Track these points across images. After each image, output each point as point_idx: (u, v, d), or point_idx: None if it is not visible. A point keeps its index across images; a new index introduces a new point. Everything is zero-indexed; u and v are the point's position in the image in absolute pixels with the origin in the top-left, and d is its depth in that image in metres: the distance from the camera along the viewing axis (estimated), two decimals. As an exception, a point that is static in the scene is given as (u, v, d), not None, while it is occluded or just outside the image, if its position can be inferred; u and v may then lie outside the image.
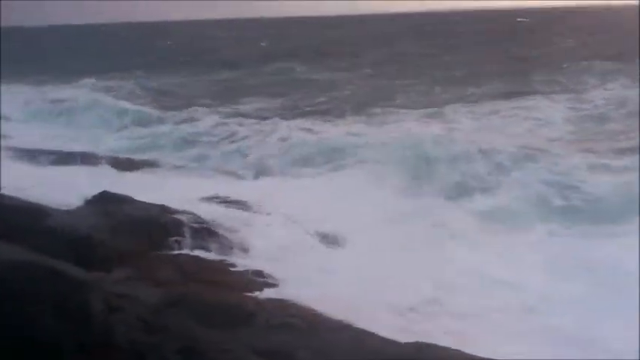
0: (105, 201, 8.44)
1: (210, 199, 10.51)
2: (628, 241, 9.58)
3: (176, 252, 7.76)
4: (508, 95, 23.65)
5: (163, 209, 8.38)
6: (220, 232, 8.68)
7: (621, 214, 10.84)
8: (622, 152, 14.72)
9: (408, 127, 18.47)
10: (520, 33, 64.89)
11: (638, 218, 10.32)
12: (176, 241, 7.91)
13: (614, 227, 10.31)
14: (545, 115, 19.59)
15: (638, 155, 13.95)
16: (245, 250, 8.31)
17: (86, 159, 13.84)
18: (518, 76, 29.01)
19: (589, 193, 11.87)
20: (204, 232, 8.34)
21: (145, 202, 8.53)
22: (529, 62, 35.39)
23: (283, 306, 5.63)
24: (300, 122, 19.43)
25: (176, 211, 8.46)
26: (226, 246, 8.30)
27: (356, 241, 8.96)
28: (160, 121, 20.20)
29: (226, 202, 10.41)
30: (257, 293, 6.71)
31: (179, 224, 8.09)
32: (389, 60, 40.68)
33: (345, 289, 7.31)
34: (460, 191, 12.19)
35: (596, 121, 18.56)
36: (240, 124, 19.47)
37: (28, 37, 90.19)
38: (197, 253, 7.82)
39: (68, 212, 8.13)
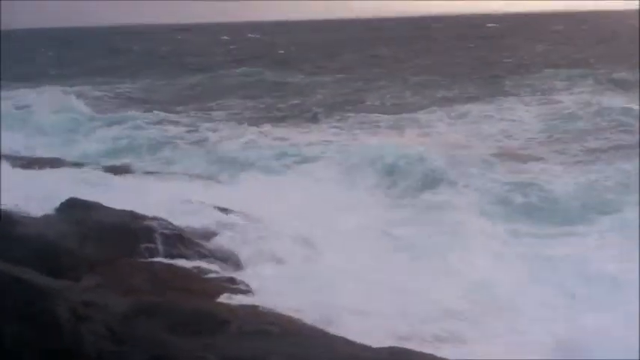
0: (73, 208, 8.27)
1: (183, 203, 10.38)
2: (589, 241, 9.71)
3: (147, 259, 7.62)
4: (480, 98, 23.96)
5: (133, 215, 8.23)
6: (193, 238, 8.56)
7: (583, 214, 11.03)
8: (591, 152, 15.36)
9: (381, 131, 18.65)
10: (490, 38, 65.64)
11: (599, 218, 10.53)
12: (147, 248, 7.77)
13: (574, 227, 10.45)
14: (517, 117, 19.99)
15: (605, 158, 14.35)
16: (219, 256, 8.20)
17: (53, 165, 13.60)
18: (490, 80, 29.41)
19: (553, 192, 12.02)
20: (177, 239, 8.20)
21: (114, 209, 8.37)
22: (499, 66, 35.83)
23: (257, 313, 5.56)
24: (270, 127, 19.46)
25: (147, 218, 8.31)
26: (199, 252, 8.18)
27: (329, 247, 8.91)
28: (129, 125, 19.94)
29: (199, 206, 10.29)
30: (230, 300, 6.61)
31: (150, 231, 7.95)
32: (363, 63, 40.83)
33: (320, 294, 7.27)
34: (426, 194, 12.22)
35: (565, 122, 18.91)
36: (210, 129, 19.44)
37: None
38: (169, 260, 7.69)
39: (35, 220, 7.95)
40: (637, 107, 19.28)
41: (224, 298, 6.65)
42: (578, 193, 11.97)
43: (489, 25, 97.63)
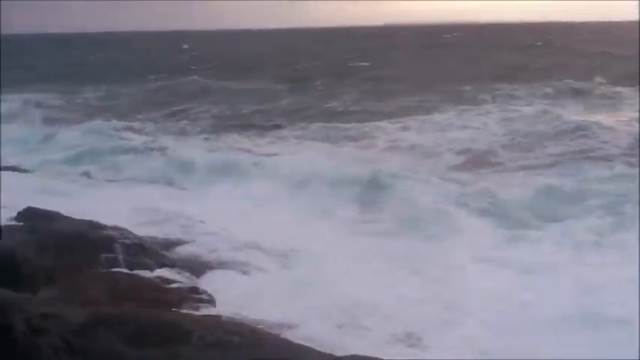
0: (30, 217, 8.12)
1: (144, 212, 10.27)
2: (542, 246, 9.81)
3: (107, 269, 7.49)
4: (442, 107, 24.19)
5: (93, 225, 8.10)
6: (155, 247, 8.45)
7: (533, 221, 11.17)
8: (550, 155, 15.73)
9: (343, 142, 18.69)
10: (449, 47, 66.54)
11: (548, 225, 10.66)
12: (107, 258, 7.64)
13: (529, 232, 10.57)
14: (480, 125, 20.18)
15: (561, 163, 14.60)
16: (181, 266, 8.10)
17: (10, 173, 13.32)
18: (449, 89, 29.76)
19: (507, 199, 12.13)
20: (138, 248, 8.10)
21: (73, 218, 8.23)
22: (459, 76, 36.27)
23: (219, 323, 5.47)
24: (231, 135, 19.40)
25: (107, 227, 8.19)
26: (161, 262, 8.08)
27: (283, 254, 8.92)
28: (89, 133, 19.65)
29: (160, 215, 10.18)
30: (193, 310, 6.53)
31: (110, 240, 7.83)
32: (322, 73, 40.94)
33: (281, 303, 7.25)
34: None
35: (525, 129, 19.15)
36: (171, 137, 19.36)
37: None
38: (130, 270, 7.57)
39: (-9, 229, 7.76)
40: (592, 118, 19.79)
41: (186, 308, 6.58)
42: (532, 199, 12.10)
43: (445, 35, 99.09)
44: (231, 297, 7.36)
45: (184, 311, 6.34)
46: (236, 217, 10.39)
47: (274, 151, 17.22)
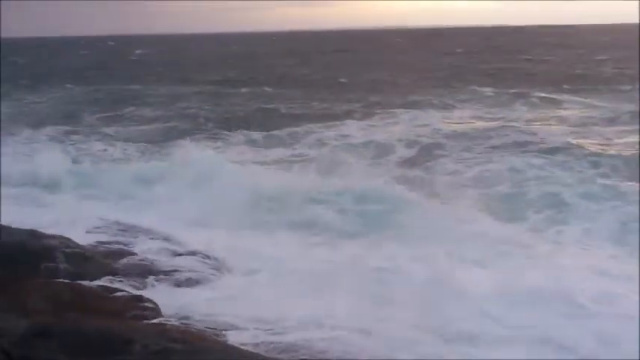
0: (-32, 227, 7.89)
1: (87, 220, 10.11)
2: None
3: (49, 279, 7.34)
4: (389, 108, 24.61)
5: (33, 234, 7.93)
6: (98, 256, 8.33)
7: None
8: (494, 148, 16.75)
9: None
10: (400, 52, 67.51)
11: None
12: (48, 267, 7.49)
13: None
14: (423, 124, 20.93)
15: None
16: (125, 275, 8.00)
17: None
18: (398, 91, 30.33)
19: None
20: (80, 257, 7.96)
21: (12, 227, 8.05)
22: (408, 78, 36.91)
23: (163, 331, 5.44)
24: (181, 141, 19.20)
25: (48, 236, 8.03)
26: (104, 271, 7.96)
27: (233, 261, 8.91)
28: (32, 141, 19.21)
29: (103, 224, 10.03)
30: (136, 319, 6.46)
31: (51, 249, 7.68)
32: (279, 77, 41.04)
33: (230, 309, 7.24)
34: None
35: (468, 130, 19.81)
36: (113, 145, 19.11)
37: None
38: (71, 279, 7.43)
39: None
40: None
41: (130, 317, 6.50)
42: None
43: (398, 39, 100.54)
44: (177, 305, 7.30)
45: (127, 320, 6.26)
46: (179, 224, 10.30)
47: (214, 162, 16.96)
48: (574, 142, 17.00)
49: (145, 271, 8.14)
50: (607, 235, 10.44)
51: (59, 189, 13.77)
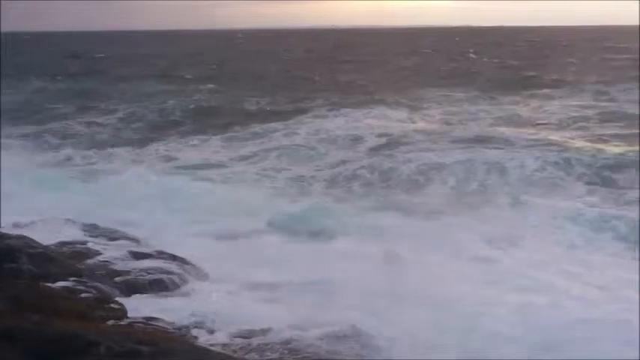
0: None
1: (51, 222, 9.94)
2: None
3: (11, 280, 7.18)
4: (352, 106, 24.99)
5: (-6, 235, 7.77)
6: (63, 258, 8.18)
7: None
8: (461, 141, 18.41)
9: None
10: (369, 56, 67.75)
11: None
12: (10, 268, 7.33)
13: None
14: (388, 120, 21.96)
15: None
16: (91, 276, 7.88)
17: None
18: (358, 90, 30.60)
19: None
20: (44, 258, 7.80)
21: (-29, 228, 7.86)
22: (373, 79, 37.13)
23: (128, 332, 5.36)
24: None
25: (10, 237, 7.86)
26: (69, 272, 7.82)
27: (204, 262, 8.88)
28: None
29: (70, 225, 9.88)
30: (101, 321, 6.36)
31: (13, 250, 7.51)
32: (235, 77, 40.94)
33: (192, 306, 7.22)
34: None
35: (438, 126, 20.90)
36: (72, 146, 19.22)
37: None
38: (35, 280, 7.29)
39: None
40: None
41: (95, 319, 6.39)
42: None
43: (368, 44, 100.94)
44: (143, 304, 7.23)
45: (92, 322, 6.15)
46: (148, 224, 10.23)
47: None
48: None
49: (112, 272, 8.03)
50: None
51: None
